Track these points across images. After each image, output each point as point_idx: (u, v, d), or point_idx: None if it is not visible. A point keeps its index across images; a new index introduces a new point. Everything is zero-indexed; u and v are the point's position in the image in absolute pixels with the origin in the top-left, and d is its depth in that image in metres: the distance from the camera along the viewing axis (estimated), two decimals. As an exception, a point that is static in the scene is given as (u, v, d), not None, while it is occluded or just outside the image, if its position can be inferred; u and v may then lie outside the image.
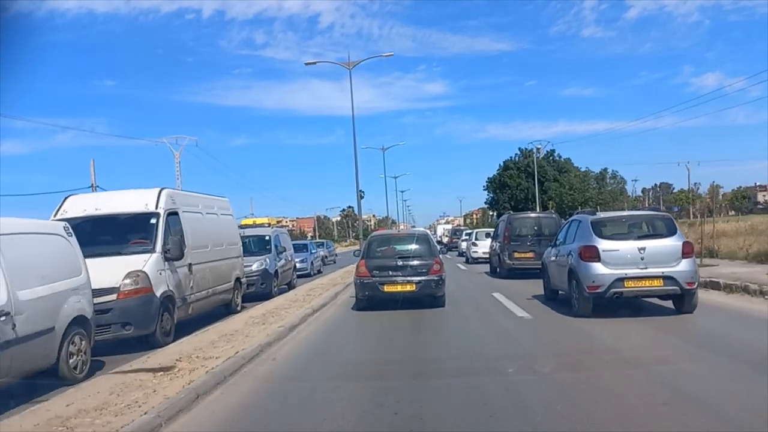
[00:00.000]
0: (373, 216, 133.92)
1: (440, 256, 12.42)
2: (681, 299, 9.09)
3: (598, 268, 8.96)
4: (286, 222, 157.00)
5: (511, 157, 59.49)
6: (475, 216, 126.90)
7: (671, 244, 9.01)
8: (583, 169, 44.78)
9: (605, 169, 33.35)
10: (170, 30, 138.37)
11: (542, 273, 12.27)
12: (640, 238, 9.25)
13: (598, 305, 9.26)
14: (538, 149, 49.77)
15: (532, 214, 20.13)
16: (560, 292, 10.93)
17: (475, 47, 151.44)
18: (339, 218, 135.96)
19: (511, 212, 20.79)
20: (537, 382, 5.70)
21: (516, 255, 17.13)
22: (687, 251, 9.01)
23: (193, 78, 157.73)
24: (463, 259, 28.45)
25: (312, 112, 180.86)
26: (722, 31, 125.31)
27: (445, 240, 46.85)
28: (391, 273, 10.98)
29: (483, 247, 23.94)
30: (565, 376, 5.90)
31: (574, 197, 32.69)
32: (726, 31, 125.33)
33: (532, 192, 53.75)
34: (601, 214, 10.29)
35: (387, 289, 10.92)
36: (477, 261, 24.73)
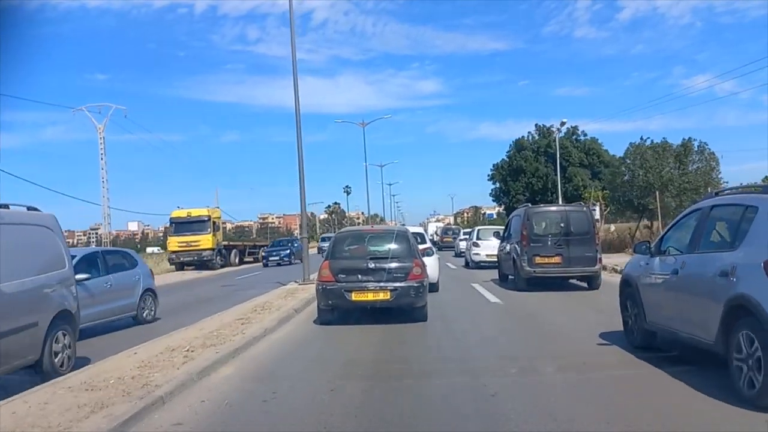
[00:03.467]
0: (362, 214, 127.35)
1: (431, 257, 11.48)
2: None
3: None
4: (273, 219, 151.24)
5: (524, 136, 48.23)
6: (466, 214, 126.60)
7: None
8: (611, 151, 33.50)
9: (689, 140, 22.52)
10: (163, 24, 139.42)
11: (624, 299, 7.08)
12: None
13: None
14: (562, 123, 38.45)
15: (554, 207, 16.56)
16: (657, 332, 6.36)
17: (468, 46, 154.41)
18: (325, 215, 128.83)
19: (529, 205, 16.03)
20: None
21: (538, 260, 13.42)
22: None
23: (185, 73, 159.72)
24: (461, 261, 24.44)
25: (304, 109, 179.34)
26: (714, 32, 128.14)
27: (436, 239, 42.45)
28: (360, 277, 9.06)
29: (486, 248, 20.75)
30: None
31: (648, 179, 21.40)
32: (718, 33, 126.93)
33: (553, 179, 42.64)
34: None
35: (355, 297, 9.01)
36: (479, 265, 20.96)
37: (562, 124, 38.59)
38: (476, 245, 22.13)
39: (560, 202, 37.59)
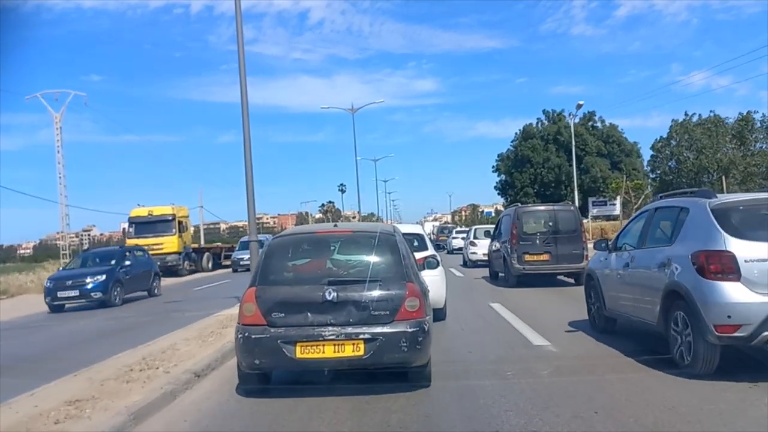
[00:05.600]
0: (358, 213, 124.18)
1: (435, 269, 8.04)
2: None
3: (737, 292, 5.08)
4: (267, 218, 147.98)
5: (532, 123, 43.47)
6: (464, 212, 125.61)
7: None
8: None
9: (749, 114, 17.90)
10: (158, 25, 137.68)
11: (588, 290, 8.13)
12: None
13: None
14: (578, 106, 33.81)
15: (542, 207, 16.76)
16: (617, 319, 7.34)
17: (465, 45, 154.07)
18: (320, 215, 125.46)
19: (519, 204, 16.20)
20: None
21: (527, 257, 13.81)
22: None
23: (181, 73, 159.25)
24: (459, 260, 24.80)
25: (300, 109, 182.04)
26: (710, 30, 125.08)
27: (432, 238, 39.07)
28: (311, 317, 5.15)
29: (483, 247, 20.61)
30: None
31: (700, 162, 16.84)
32: (714, 30, 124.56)
33: (567, 171, 38.12)
34: (727, 197, 6.09)
35: (302, 353, 5.09)
36: (476, 264, 21.32)
37: (578, 106, 33.95)
38: (473, 244, 22.48)
39: (575, 196, 33.39)
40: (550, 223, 14.16)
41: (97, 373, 6.12)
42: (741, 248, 5.17)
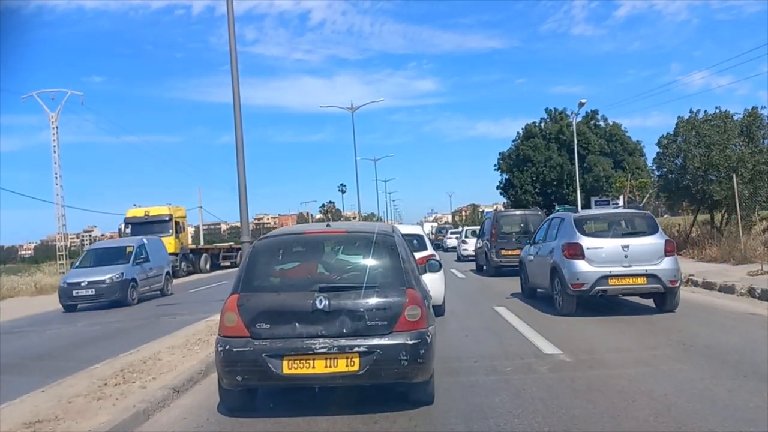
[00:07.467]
0: (358, 213, 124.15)
1: (437, 273, 7.55)
2: (663, 297, 9.07)
3: (583, 265, 8.90)
4: (268, 219, 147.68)
5: (535, 122, 42.79)
6: (464, 212, 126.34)
7: (654, 242, 9.02)
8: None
9: (755, 109, 17.15)
10: (160, 26, 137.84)
11: (520, 271, 12.13)
12: (623, 236, 9.19)
13: (580, 304, 9.24)
14: (580, 104, 33.20)
15: (518, 212, 21.53)
16: (539, 290, 11.03)
17: (465, 45, 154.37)
18: (320, 215, 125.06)
19: (497, 210, 21.69)
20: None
21: (503, 252, 16.85)
22: (669, 249, 9.02)
23: (182, 74, 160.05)
24: (455, 257, 28.58)
25: (301, 109, 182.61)
26: (710, 29, 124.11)
27: (431, 237, 38.51)
28: (299, 328, 4.59)
29: (472, 245, 23.38)
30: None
31: (710, 159, 16.23)
32: (714, 30, 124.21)
33: (569, 169, 37.59)
34: (584, 212, 12.06)
35: (290, 369, 4.54)
36: (466, 259, 24.88)
37: (581, 105, 33.36)
38: (464, 242, 26.55)
39: (578, 196, 32.86)
40: (522, 225, 17.56)
41: (68, 388, 5.60)
42: (585, 241, 9.01)
